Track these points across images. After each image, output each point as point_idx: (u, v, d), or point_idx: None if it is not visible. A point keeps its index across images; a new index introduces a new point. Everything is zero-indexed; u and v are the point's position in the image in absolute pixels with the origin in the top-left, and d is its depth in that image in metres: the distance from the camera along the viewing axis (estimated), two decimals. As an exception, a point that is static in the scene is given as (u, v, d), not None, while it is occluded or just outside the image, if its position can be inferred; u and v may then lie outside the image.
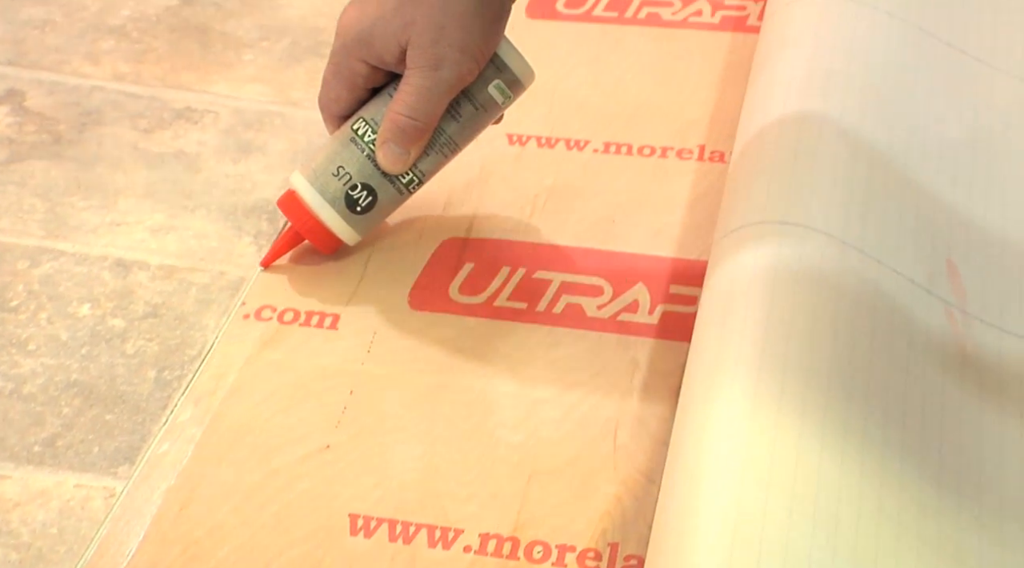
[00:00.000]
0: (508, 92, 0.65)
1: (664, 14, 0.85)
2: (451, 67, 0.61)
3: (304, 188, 0.65)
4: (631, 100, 0.79)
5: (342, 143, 0.65)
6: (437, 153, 0.65)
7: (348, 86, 0.64)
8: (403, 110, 0.62)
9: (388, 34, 0.61)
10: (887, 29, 0.72)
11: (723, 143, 0.74)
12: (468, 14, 0.60)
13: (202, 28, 0.85)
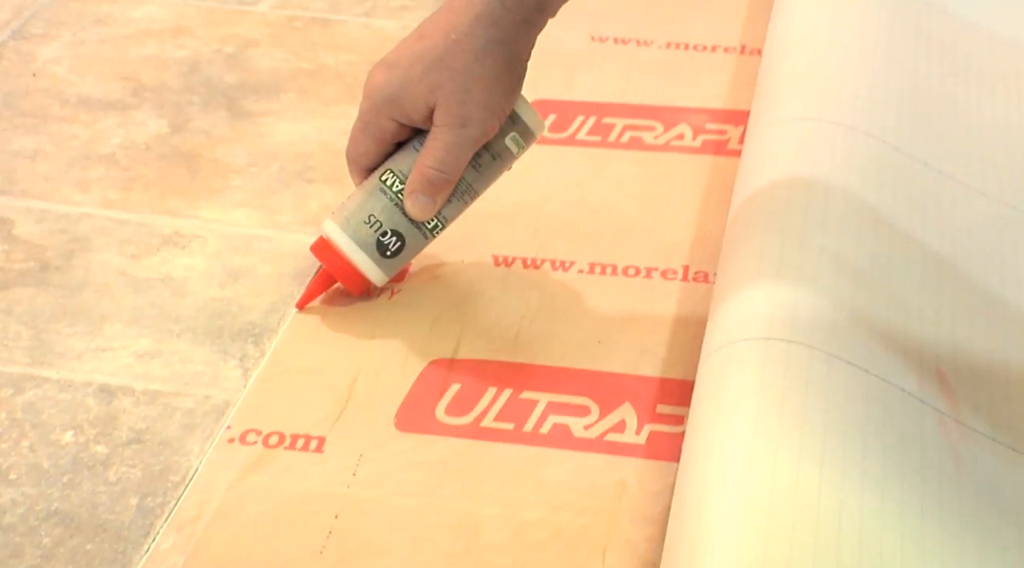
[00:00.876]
0: (522, 143, 0.71)
1: (647, 138, 0.87)
2: (477, 125, 0.68)
3: (337, 235, 0.70)
4: (615, 221, 0.79)
5: (371, 193, 0.70)
6: (459, 200, 0.71)
7: (376, 141, 0.70)
8: (432, 164, 0.68)
9: (417, 95, 0.67)
10: (866, 149, 0.73)
11: (707, 264, 0.75)
12: (491, 78, 0.67)
13: (191, 155, 0.86)
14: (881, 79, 0.80)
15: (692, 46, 0.95)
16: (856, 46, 0.82)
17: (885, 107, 0.77)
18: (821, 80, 0.79)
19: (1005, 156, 0.78)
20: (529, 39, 0.68)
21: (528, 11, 0.67)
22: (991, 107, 0.83)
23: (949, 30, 0.89)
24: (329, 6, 1.02)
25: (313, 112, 0.90)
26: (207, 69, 0.94)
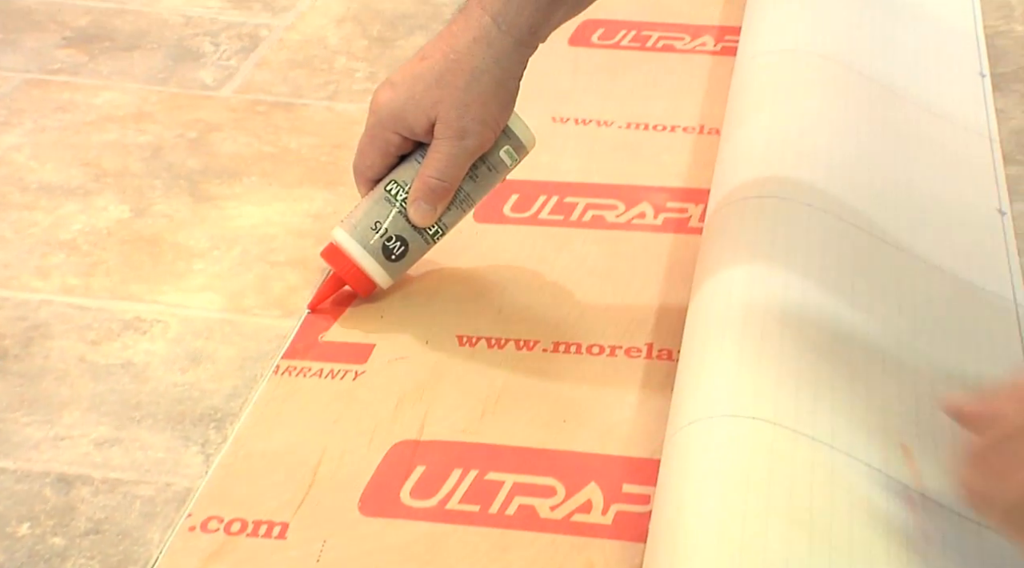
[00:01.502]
0: (515, 155, 0.77)
1: (608, 217, 0.87)
2: (474, 137, 0.74)
3: (346, 240, 0.76)
4: (579, 300, 0.80)
5: (377, 202, 0.76)
6: (458, 208, 0.77)
7: (381, 154, 0.76)
8: (433, 173, 0.74)
9: (419, 110, 0.73)
10: (823, 225, 0.74)
11: (671, 341, 0.75)
12: (487, 95, 0.73)
13: (153, 239, 0.86)
14: (838, 157, 0.81)
15: (652, 126, 0.97)
16: (812, 125, 0.83)
17: (842, 184, 0.78)
18: (777, 159, 0.80)
19: (960, 231, 0.79)
20: (522, 60, 0.74)
21: (521, 34, 0.73)
22: (943, 183, 0.84)
23: (901, 109, 0.90)
24: (292, 90, 1.02)
25: (276, 195, 0.90)
26: (169, 154, 0.95)
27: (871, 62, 0.94)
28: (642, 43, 1.07)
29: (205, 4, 1.14)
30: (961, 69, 0.99)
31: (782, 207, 0.74)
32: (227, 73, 1.04)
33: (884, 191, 0.80)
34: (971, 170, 0.86)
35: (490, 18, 0.73)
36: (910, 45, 1.00)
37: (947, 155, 0.87)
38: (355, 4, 1.15)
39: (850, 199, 0.77)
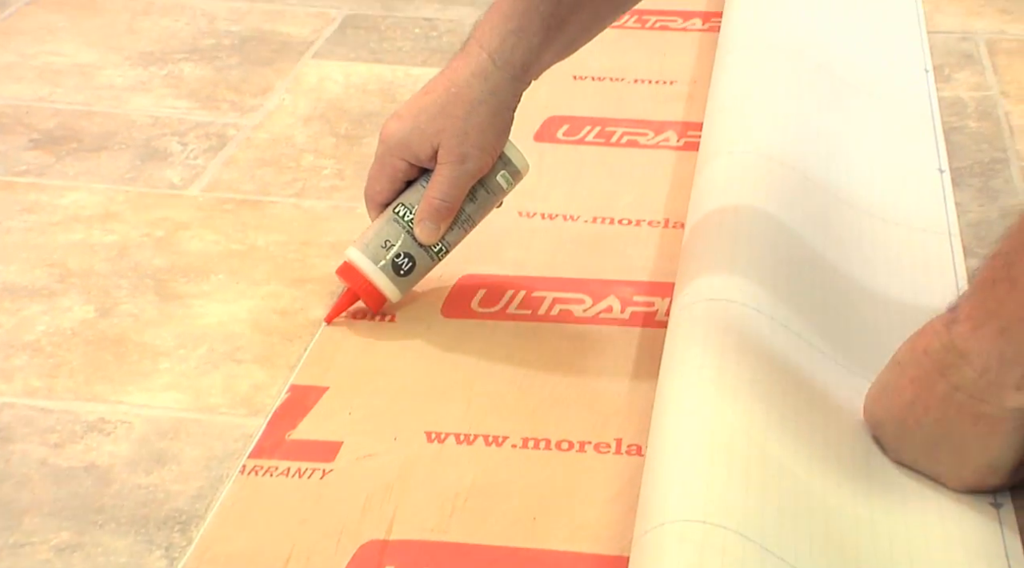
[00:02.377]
0: (511, 180, 0.85)
1: (576, 311, 0.87)
2: (474, 161, 0.82)
3: (359, 258, 0.84)
4: (547, 395, 0.79)
5: (386, 223, 0.84)
6: (460, 228, 0.85)
7: (390, 179, 0.84)
8: (437, 195, 0.82)
9: (424, 139, 0.81)
10: (776, 333, 0.75)
11: (640, 436, 0.74)
12: (485, 124, 0.81)
13: (118, 339, 0.85)
14: (795, 262, 0.82)
15: (618, 220, 0.97)
16: (770, 229, 0.84)
17: (798, 291, 0.79)
18: (732, 260, 0.80)
19: (887, 332, 0.78)
20: (516, 93, 0.82)
21: (515, 71, 0.81)
22: (900, 288, 0.85)
23: (856, 217, 0.92)
24: (259, 188, 1.03)
25: (243, 293, 0.90)
26: (136, 253, 0.94)
27: (828, 166, 0.96)
28: (607, 139, 1.08)
29: (173, 105, 1.15)
30: (920, 166, 1.01)
31: (732, 311, 0.75)
32: (194, 172, 1.05)
33: (835, 298, 0.82)
34: (927, 274, 0.87)
35: (487, 55, 0.80)
36: (869, 146, 1.02)
37: (903, 262, 0.88)
38: (322, 103, 1.16)
39: (804, 307, 0.78)
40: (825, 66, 1.10)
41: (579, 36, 0.84)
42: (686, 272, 0.82)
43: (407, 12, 1.34)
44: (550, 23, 0.80)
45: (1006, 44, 1.23)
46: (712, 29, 1.25)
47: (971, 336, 0.64)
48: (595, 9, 0.83)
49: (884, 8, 1.27)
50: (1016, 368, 0.62)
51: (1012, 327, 0.62)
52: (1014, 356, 0.62)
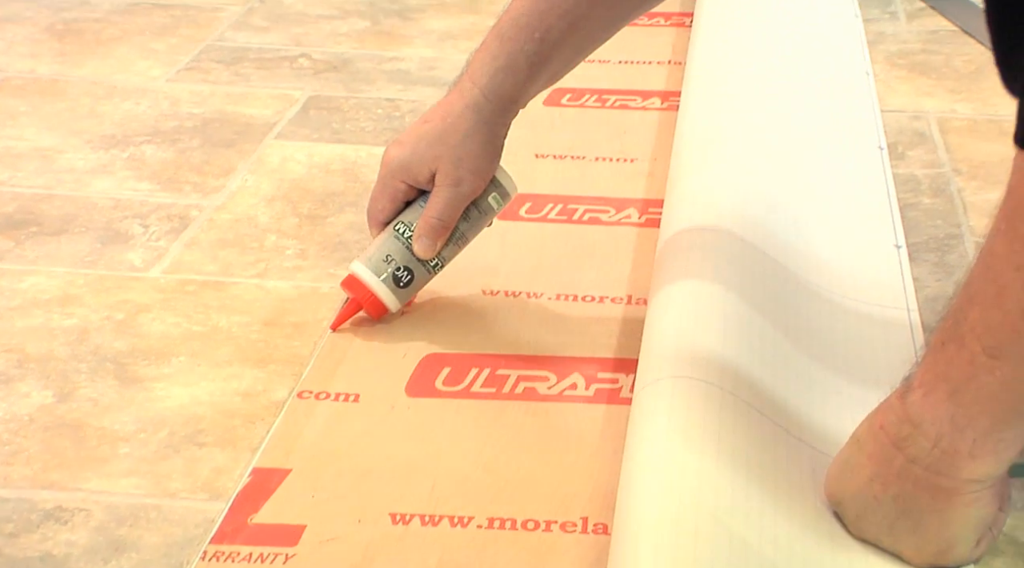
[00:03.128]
0: (501, 201, 0.94)
1: (540, 388, 0.87)
2: (468, 184, 0.90)
3: (362, 271, 0.92)
4: (512, 474, 0.79)
5: (388, 239, 0.92)
6: (454, 244, 0.93)
7: (391, 200, 0.91)
8: (434, 214, 0.90)
9: (423, 163, 0.89)
10: (738, 411, 0.75)
11: (605, 515, 0.74)
12: (478, 151, 0.89)
13: (77, 425, 0.84)
14: (756, 341, 0.82)
15: (581, 297, 0.98)
16: (728, 308, 0.84)
17: (759, 367, 0.80)
18: (689, 340, 0.81)
19: (848, 408, 0.79)
20: (505, 123, 0.90)
21: (503, 103, 0.89)
22: (860, 367, 0.85)
23: (814, 297, 0.92)
24: (222, 269, 1.02)
25: (205, 375, 0.89)
26: (96, 336, 0.93)
27: (787, 243, 0.97)
28: (569, 216, 1.09)
29: (135, 187, 1.15)
30: (877, 242, 1.02)
31: (696, 388, 0.75)
32: (156, 254, 1.04)
33: (796, 375, 0.82)
34: (887, 350, 0.88)
35: (479, 90, 0.88)
36: (828, 222, 1.03)
37: (862, 337, 0.89)
38: (285, 183, 1.16)
39: (767, 384, 0.79)
40: (784, 144, 1.12)
41: (561, 69, 0.91)
42: (649, 349, 0.82)
43: (369, 93, 1.35)
44: (534, 60, 0.88)
45: (956, 123, 1.26)
46: (671, 108, 1.27)
47: (923, 403, 0.63)
48: (575, 46, 0.90)
49: (839, 88, 1.29)
50: (968, 433, 0.62)
51: (961, 388, 0.62)
52: (965, 420, 0.62)
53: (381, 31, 1.53)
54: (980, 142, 1.18)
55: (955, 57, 1.42)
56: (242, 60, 1.43)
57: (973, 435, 0.62)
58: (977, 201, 1.11)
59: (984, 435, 0.62)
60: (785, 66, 1.29)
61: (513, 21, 0.88)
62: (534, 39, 0.87)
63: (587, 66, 1.35)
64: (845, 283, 0.95)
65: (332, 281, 1.00)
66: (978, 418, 0.62)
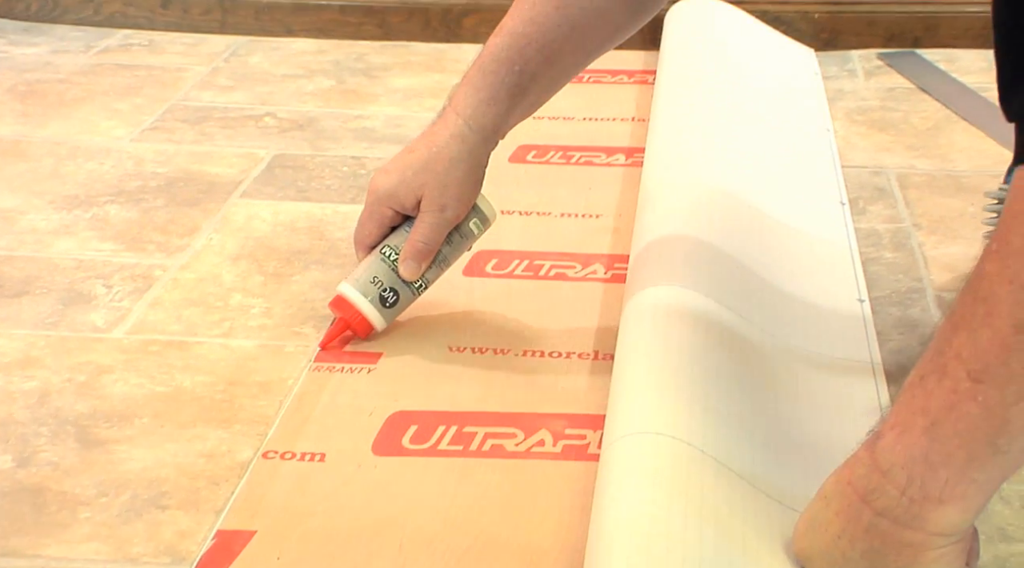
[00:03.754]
0: (481, 226, 0.99)
1: (508, 445, 0.87)
2: (451, 210, 0.95)
3: (350, 292, 0.96)
4: (480, 532, 0.78)
5: (374, 262, 0.96)
6: (437, 267, 0.98)
7: (378, 225, 0.97)
8: (419, 238, 0.95)
9: (409, 190, 0.94)
10: (705, 467, 0.75)
11: (575, 571, 0.73)
12: (462, 178, 0.94)
13: (37, 489, 0.83)
14: (723, 400, 0.82)
15: (548, 353, 0.97)
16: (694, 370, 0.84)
17: (725, 429, 0.79)
18: (657, 396, 0.81)
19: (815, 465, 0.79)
20: (487, 151, 0.95)
21: (485, 133, 0.94)
22: (828, 425, 0.85)
23: (780, 358, 0.92)
24: (186, 328, 1.02)
25: (168, 436, 0.88)
26: (57, 399, 0.92)
27: (751, 301, 0.97)
28: (535, 272, 1.09)
29: (98, 247, 1.14)
30: (841, 297, 1.02)
31: (664, 444, 0.75)
32: (119, 315, 1.03)
33: (763, 433, 0.82)
34: (851, 405, 0.88)
35: (463, 121, 0.94)
36: (791, 278, 1.04)
37: (828, 393, 0.89)
38: (250, 242, 1.15)
39: (733, 441, 0.78)
40: (747, 199, 1.13)
41: (537, 100, 0.97)
42: (617, 404, 0.81)
43: (335, 151, 1.35)
44: (514, 91, 0.93)
45: (916, 178, 1.27)
46: (635, 164, 1.28)
47: (895, 445, 0.63)
48: (551, 77, 0.96)
49: (801, 144, 1.31)
50: (941, 473, 0.61)
51: (940, 420, 0.61)
52: (940, 457, 0.61)
53: (346, 90, 1.54)
54: (939, 197, 1.20)
55: (913, 114, 1.44)
56: (207, 119, 1.43)
57: (946, 474, 0.61)
58: (938, 255, 1.12)
59: (958, 473, 0.61)
60: (748, 123, 1.30)
61: (493, 56, 0.93)
62: (514, 72, 0.93)
63: (552, 123, 1.39)
64: (810, 337, 0.95)
65: (298, 339, 0.99)
66: (955, 453, 0.61)
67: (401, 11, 1.69)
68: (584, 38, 0.94)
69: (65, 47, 1.66)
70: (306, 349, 0.98)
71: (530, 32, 0.93)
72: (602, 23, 0.94)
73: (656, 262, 0.99)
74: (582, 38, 0.94)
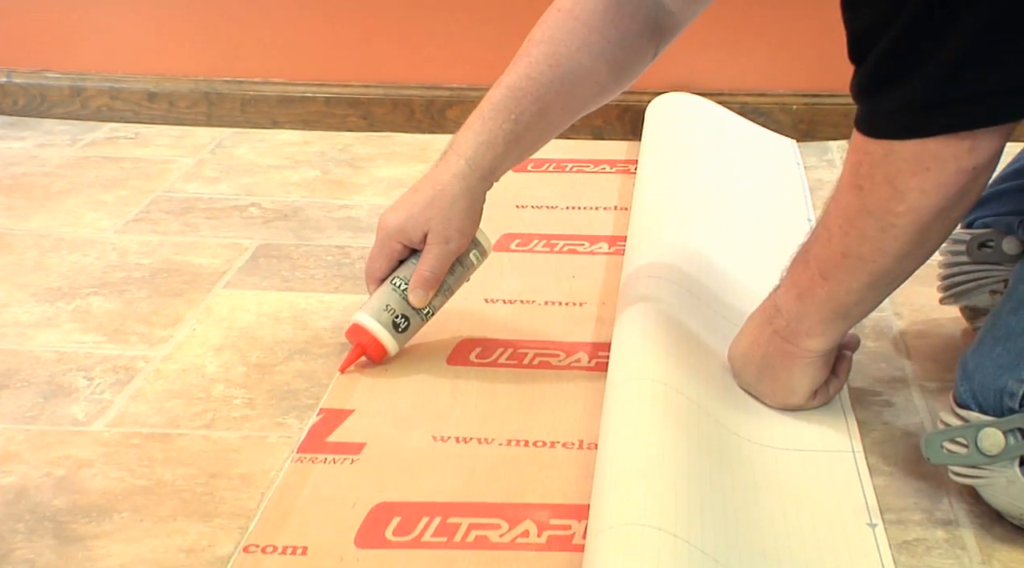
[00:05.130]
0: (480, 257, 1.10)
1: (492, 537, 0.85)
2: (455, 242, 1.05)
3: (366, 320, 1.06)
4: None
5: (386, 292, 1.06)
6: (442, 295, 1.08)
7: (387, 259, 1.07)
8: (427, 268, 1.05)
9: (416, 225, 1.05)
10: (689, 557, 0.74)
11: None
12: (463, 213, 1.05)
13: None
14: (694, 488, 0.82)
15: (532, 442, 0.97)
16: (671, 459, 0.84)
17: (700, 515, 0.79)
18: (640, 486, 0.80)
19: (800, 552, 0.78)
20: (485, 189, 1.06)
21: (484, 173, 1.05)
22: (810, 517, 0.85)
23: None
24: (167, 420, 1.01)
25: (147, 531, 0.87)
26: (34, 494, 0.91)
27: (730, 389, 0.98)
28: (519, 361, 1.09)
29: (80, 339, 1.14)
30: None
31: (648, 536, 0.74)
32: (100, 407, 1.03)
33: (747, 525, 0.82)
34: (836, 494, 0.88)
35: (464, 161, 1.04)
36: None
37: (809, 485, 0.89)
38: (233, 332, 1.15)
39: (716, 535, 0.78)
40: (729, 290, 1.13)
41: (531, 147, 1.08)
42: (602, 495, 0.81)
43: (319, 240, 1.35)
44: (510, 138, 1.04)
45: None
46: (618, 252, 1.28)
47: (784, 296, 0.94)
48: (543, 127, 1.07)
49: (782, 233, 1.31)
50: (805, 322, 0.93)
51: (803, 294, 0.92)
52: (803, 314, 0.93)
53: (331, 180, 1.55)
54: (919, 286, 1.20)
55: (893, 200, 1.45)
56: (192, 210, 1.44)
57: (808, 324, 0.93)
58: (919, 345, 1.12)
59: (815, 325, 0.93)
60: (730, 212, 1.31)
61: (492, 106, 1.05)
62: (510, 120, 1.04)
63: (535, 212, 1.40)
64: (788, 429, 0.95)
65: (280, 430, 0.99)
66: (813, 314, 0.92)
67: (385, 102, 1.71)
68: (572, 95, 1.06)
69: (51, 141, 1.68)
70: (289, 440, 0.97)
71: (526, 87, 1.04)
72: (589, 83, 1.06)
73: (639, 351, 0.99)
74: (571, 95, 1.06)
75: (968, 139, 0.80)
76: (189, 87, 1.73)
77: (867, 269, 0.87)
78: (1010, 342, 0.84)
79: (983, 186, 0.84)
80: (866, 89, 0.83)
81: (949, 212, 0.84)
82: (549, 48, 1.04)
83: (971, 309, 1.11)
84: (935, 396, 1.02)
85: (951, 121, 0.80)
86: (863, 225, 0.85)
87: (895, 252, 0.86)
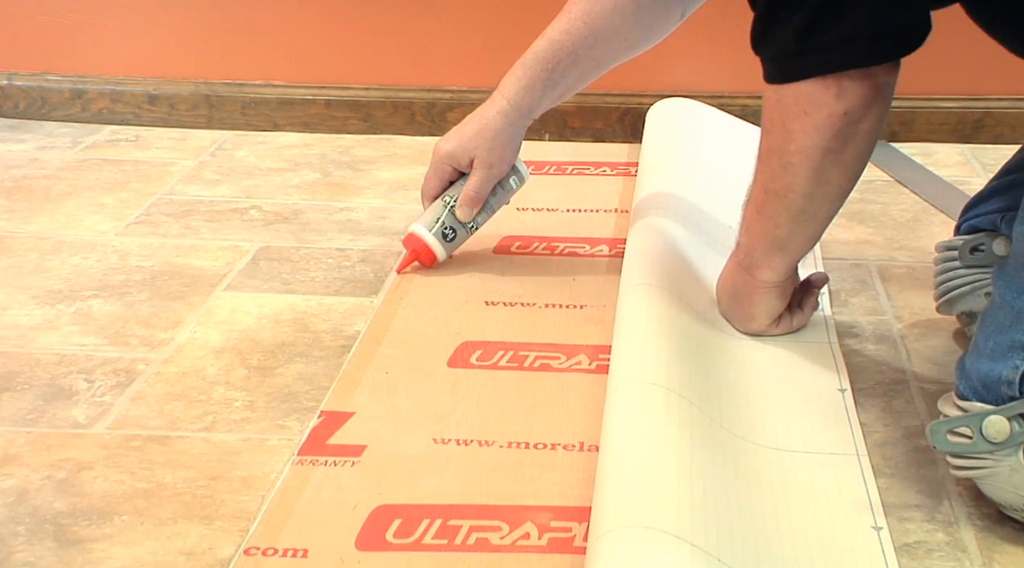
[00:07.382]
0: (519, 183, 1.27)
1: (493, 539, 0.85)
2: (497, 168, 1.24)
3: (420, 229, 1.25)
4: (465, 630, 0.76)
5: (438, 207, 1.25)
6: (485, 212, 1.26)
7: (440, 179, 1.25)
8: (472, 188, 1.23)
9: (465, 152, 1.23)
10: (691, 560, 0.74)
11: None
12: (504, 143, 1.23)
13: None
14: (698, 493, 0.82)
15: (533, 445, 0.97)
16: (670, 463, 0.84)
17: (704, 520, 0.79)
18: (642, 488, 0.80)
19: (805, 557, 0.78)
20: (524, 125, 1.24)
21: (523, 111, 1.22)
22: (814, 514, 0.85)
23: (762, 453, 0.93)
24: (168, 423, 1.01)
25: (148, 534, 0.87)
26: (35, 497, 0.91)
27: (732, 388, 0.97)
28: (520, 363, 1.09)
29: (80, 342, 1.14)
30: (822, 389, 1.02)
31: (651, 538, 0.74)
32: (100, 410, 1.02)
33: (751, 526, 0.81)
34: (841, 497, 0.88)
35: (506, 101, 1.22)
36: (772, 372, 1.04)
37: (815, 487, 0.89)
38: (234, 335, 1.15)
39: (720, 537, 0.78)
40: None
41: (567, 92, 1.24)
42: (603, 497, 0.81)
43: (320, 243, 1.35)
44: (547, 84, 1.21)
45: (896, 271, 1.28)
46: (619, 255, 1.28)
47: (743, 235, 1.06)
48: (576, 77, 1.23)
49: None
50: (755, 254, 1.05)
51: (750, 228, 1.05)
52: (753, 247, 1.05)
53: (332, 182, 1.55)
54: (920, 289, 1.20)
55: (891, 206, 1.45)
56: (192, 213, 1.44)
57: (758, 256, 1.05)
58: (920, 347, 1.12)
59: (763, 257, 1.04)
60: (729, 215, 1.31)
61: (534, 54, 1.21)
62: (547, 69, 1.21)
63: (536, 215, 1.40)
64: (791, 431, 0.95)
65: (281, 433, 0.99)
66: (759, 247, 1.04)
67: (386, 105, 1.71)
68: (605, 51, 1.22)
69: (52, 143, 1.68)
70: (289, 443, 0.97)
71: (563, 40, 1.21)
72: (619, 40, 1.22)
73: (640, 353, 0.98)
74: (603, 50, 1.22)
75: (834, 85, 0.92)
76: (190, 90, 1.73)
77: (783, 204, 0.99)
78: (1000, 335, 0.85)
79: (867, 134, 0.94)
80: (756, 39, 0.96)
81: (838, 154, 0.95)
82: (586, 7, 1.20)
83: (967, 315, 1.11)
84: (935, 398, 1.02)
85: (812, 65, 0.92)
86: (771, 162, 0.99)
87: (800, 189, 0.98)
